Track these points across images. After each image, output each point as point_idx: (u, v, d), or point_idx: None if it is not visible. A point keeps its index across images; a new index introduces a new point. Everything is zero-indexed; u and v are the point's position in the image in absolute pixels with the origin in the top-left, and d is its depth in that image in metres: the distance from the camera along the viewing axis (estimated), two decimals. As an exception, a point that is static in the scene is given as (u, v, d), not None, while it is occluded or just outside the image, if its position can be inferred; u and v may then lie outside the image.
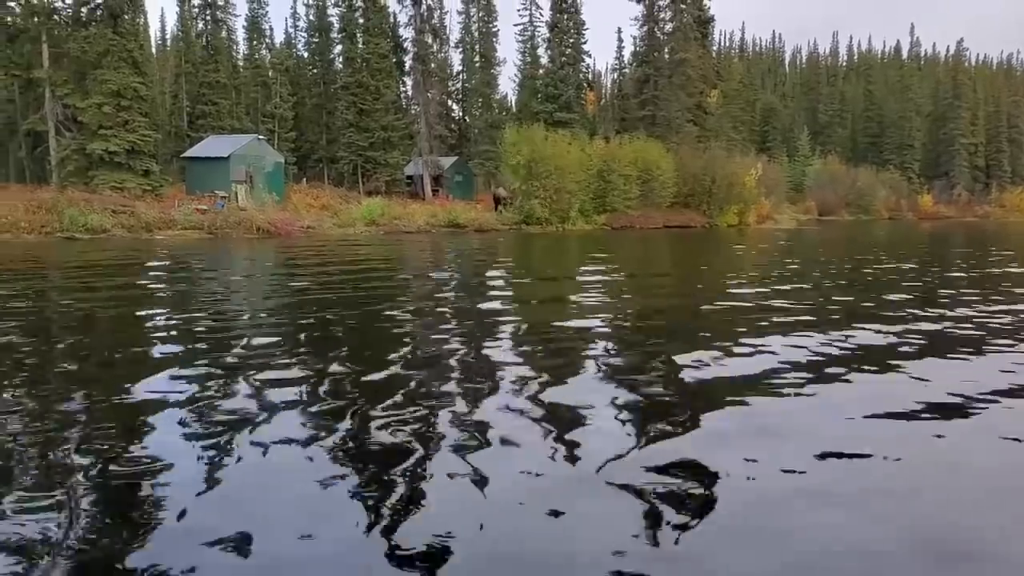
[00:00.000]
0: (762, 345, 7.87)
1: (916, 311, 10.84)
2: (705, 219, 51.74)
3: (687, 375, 6.58)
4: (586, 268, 19.39)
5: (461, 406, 5.49)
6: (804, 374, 6.53)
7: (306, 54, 65.30)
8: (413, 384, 6.15)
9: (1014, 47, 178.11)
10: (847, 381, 6.34)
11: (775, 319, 10.09)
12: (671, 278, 17.96)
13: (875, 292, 13.65)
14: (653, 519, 3.59)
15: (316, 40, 63.12)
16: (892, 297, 12.63)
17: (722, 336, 8.66)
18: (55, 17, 40.84)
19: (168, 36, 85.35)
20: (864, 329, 8.92)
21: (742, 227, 52.36)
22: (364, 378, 6.37)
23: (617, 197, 47.85)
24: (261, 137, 47.69)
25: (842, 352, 7.56)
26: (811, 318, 10.24)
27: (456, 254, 25.59)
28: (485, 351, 7.69)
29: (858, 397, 5.81)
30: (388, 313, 10.97)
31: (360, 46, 55.89)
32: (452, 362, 7.13)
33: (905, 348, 7.89)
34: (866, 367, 6.85)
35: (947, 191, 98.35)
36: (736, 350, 7.68)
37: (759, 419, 5.26)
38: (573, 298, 12.94)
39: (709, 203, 52.65)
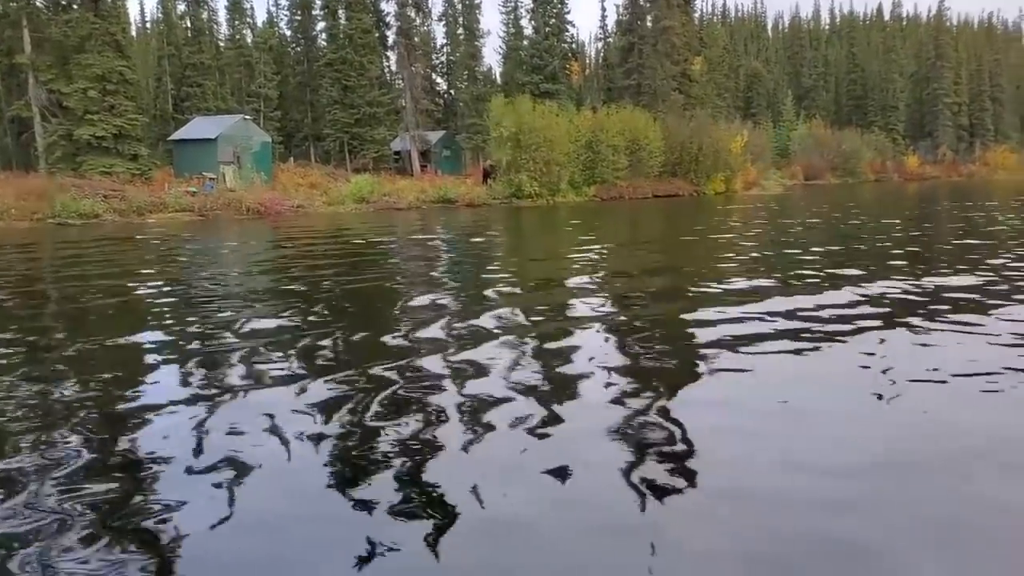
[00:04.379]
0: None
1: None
2: (693, 187, 51.90)
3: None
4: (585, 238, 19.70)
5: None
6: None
7: (288, 32, 64.95)
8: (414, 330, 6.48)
9: (995, 5, 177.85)
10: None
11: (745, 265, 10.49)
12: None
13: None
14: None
15: (298, 18, 62.76)
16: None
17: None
18: (35, 1, 40.49)
19: (148, 19, 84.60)
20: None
21: (729, 194, 52.62)
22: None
23: (606, 168, 47.94)
24: (247, 117, 47.53)
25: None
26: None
27: (454, 228, 25.86)
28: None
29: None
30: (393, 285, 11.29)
31: (343, 22, 55.58)
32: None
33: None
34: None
35: (932, 151, 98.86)
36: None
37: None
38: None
39: (696, 171, 52.72)
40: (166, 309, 9.58)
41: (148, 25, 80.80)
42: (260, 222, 31.24)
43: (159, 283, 11.96)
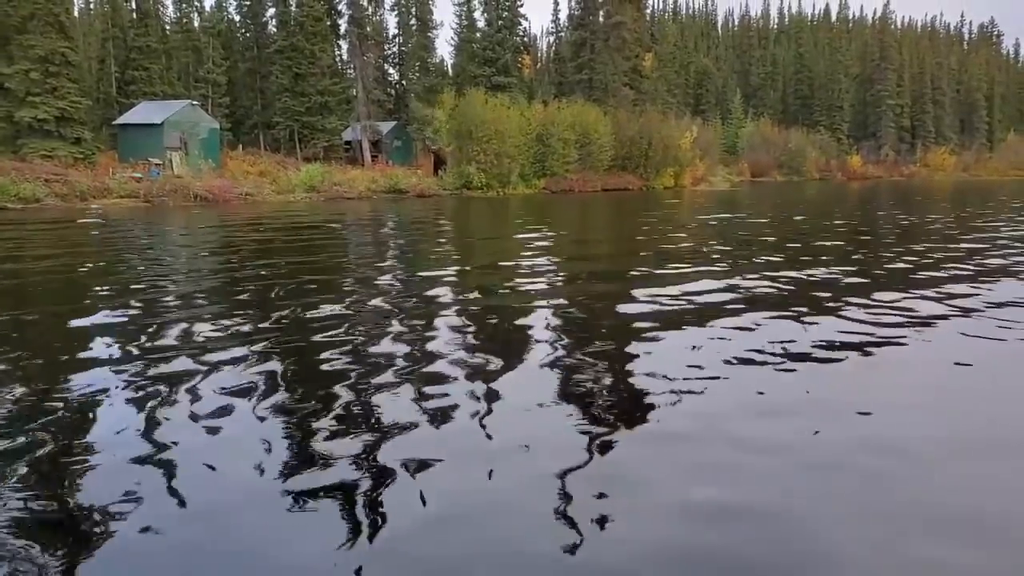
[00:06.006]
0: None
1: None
2: (642, 182, 52.59)
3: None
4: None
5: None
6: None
7: (238, 17, 63.85)
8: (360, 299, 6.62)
9: (938, 9, 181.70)
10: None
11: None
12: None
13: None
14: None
15: (248, 2, 61.67)
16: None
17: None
18: (-26, -20, 39.33)
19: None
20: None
21: (678, 189, 53.35)
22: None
23: (556, 161, 48.34)
24: (195, 103, 46.83)
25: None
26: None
27: (405, 217, 25.89)
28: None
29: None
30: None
31: (294, 9, 54.91)
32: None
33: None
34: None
35: (875, 151, 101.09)
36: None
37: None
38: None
39: (646, 166, 53.49)
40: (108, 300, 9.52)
41: (92, 6, 78.95)
42: (209, 209, 30.88)
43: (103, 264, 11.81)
